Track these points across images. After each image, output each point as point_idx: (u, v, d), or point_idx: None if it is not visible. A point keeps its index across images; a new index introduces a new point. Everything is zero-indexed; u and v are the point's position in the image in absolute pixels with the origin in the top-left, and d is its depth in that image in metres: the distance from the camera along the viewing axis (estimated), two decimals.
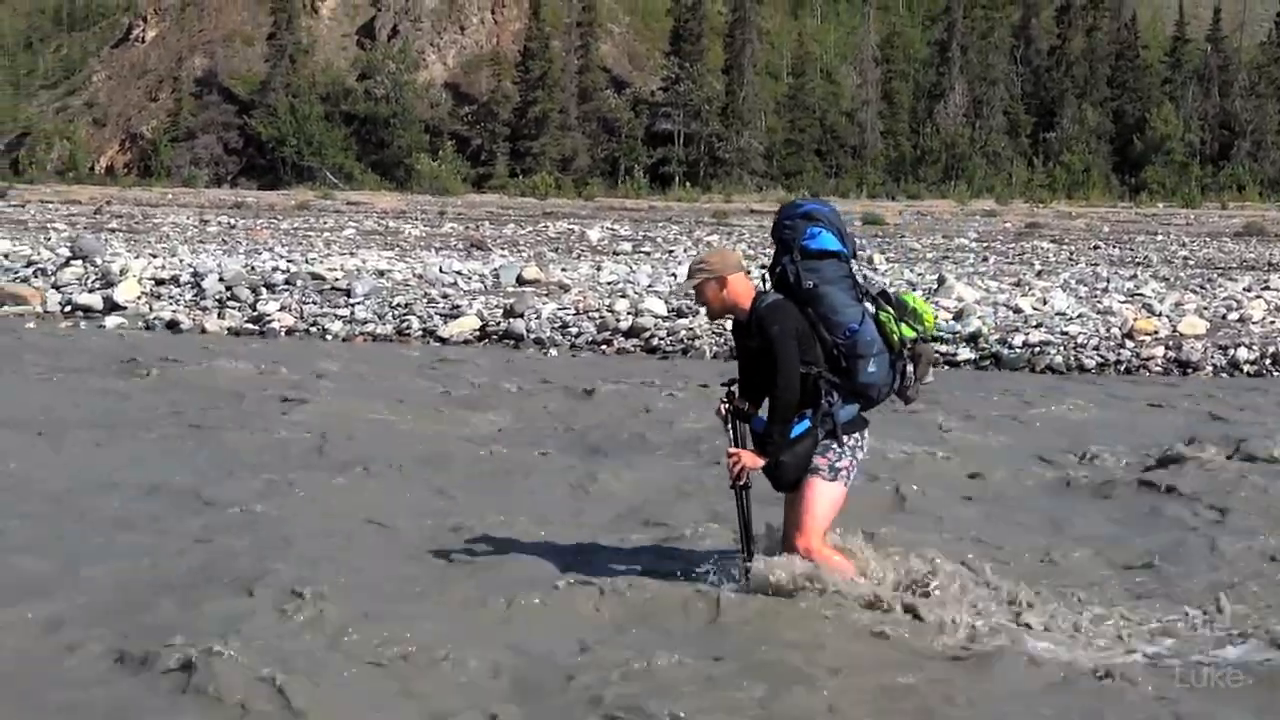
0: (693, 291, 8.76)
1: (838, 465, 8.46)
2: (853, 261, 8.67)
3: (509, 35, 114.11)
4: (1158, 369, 21.82)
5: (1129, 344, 23.02)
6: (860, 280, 8.64)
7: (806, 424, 8.39)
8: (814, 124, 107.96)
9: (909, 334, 8.56)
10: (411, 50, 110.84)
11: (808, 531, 8.48)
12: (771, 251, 8.82)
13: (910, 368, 8.60)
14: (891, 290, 8.86)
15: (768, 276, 8.71)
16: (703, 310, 9.02)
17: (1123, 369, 21.85)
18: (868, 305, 8.55)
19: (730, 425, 8.60)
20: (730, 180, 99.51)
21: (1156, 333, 23.70)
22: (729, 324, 8.98)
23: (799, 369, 8.28)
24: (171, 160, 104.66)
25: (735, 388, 8.71)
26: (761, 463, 8.41)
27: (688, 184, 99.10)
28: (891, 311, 8.57)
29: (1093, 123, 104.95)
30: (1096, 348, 22.81)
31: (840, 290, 8.47)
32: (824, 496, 8.47)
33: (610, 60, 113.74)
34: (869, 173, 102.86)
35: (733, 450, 8.52)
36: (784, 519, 8.87)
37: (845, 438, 8.44)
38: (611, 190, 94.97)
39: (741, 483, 8.54)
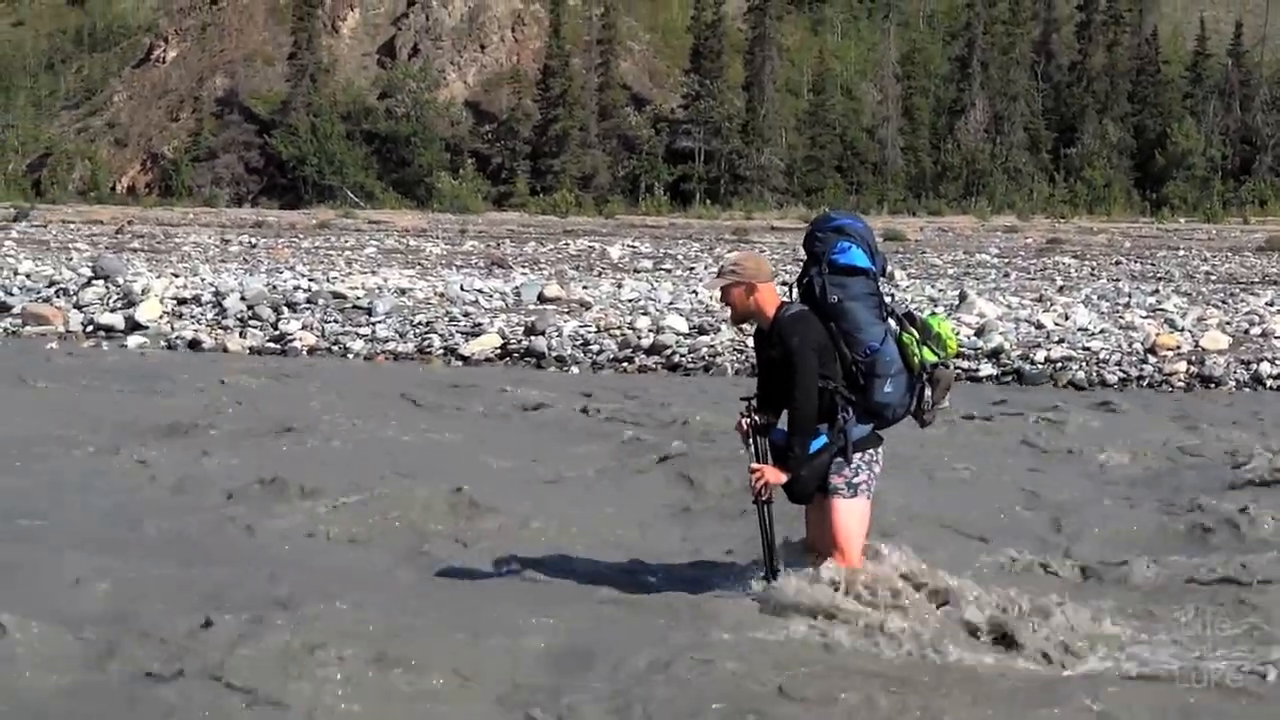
0: (719, 291, 8.79)
1: (855, 481, 8.51)
2: (881, 280, 8.69)
3: (529, 53, 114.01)
4: (1180, 384, 21.79)
5: (1151, 359, 23.01)
6: (887, 300, 8.65)
7: (824, 439, 8.44)
8: (834, 140, 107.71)
9: (930, 358, 8.59)
10: (432, 69, 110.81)
11: (845, 553, 8.54)
12: (794, 266, 8.82)
13: (928, 391, 8.60)
14: (918, 313, 8.84)
15: (795, 287, 8.72)
16: (726, 312, 9.03)
17: (1145, 384, 21.82)
18: (891, 325, 8.55)
19: (751, 440, 8.64)
20: (751, 197, 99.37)
21: (1179, 348, 23.69)
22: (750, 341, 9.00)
23: (818, 382, 8.30)
24: (193, 180, 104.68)
25: (754, 402, 8.75)
26: (785, 478, 8.44)
27: (708, 201, 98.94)
28: (915, 334, 8.59)
29: (1114, 138, 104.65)
30: (1119, 363, 22.80)
31: (865, 307, 8.50)
32: (850, 515, 8.53)
33: (630, 78, 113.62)
34: (890, 189, 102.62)
35: (756, 466, 8.55)
36: (807, 529, 8.88)
37: (858, 455, 8.46)
38: (632, 208, 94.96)
39: (764, 498, 8.56)
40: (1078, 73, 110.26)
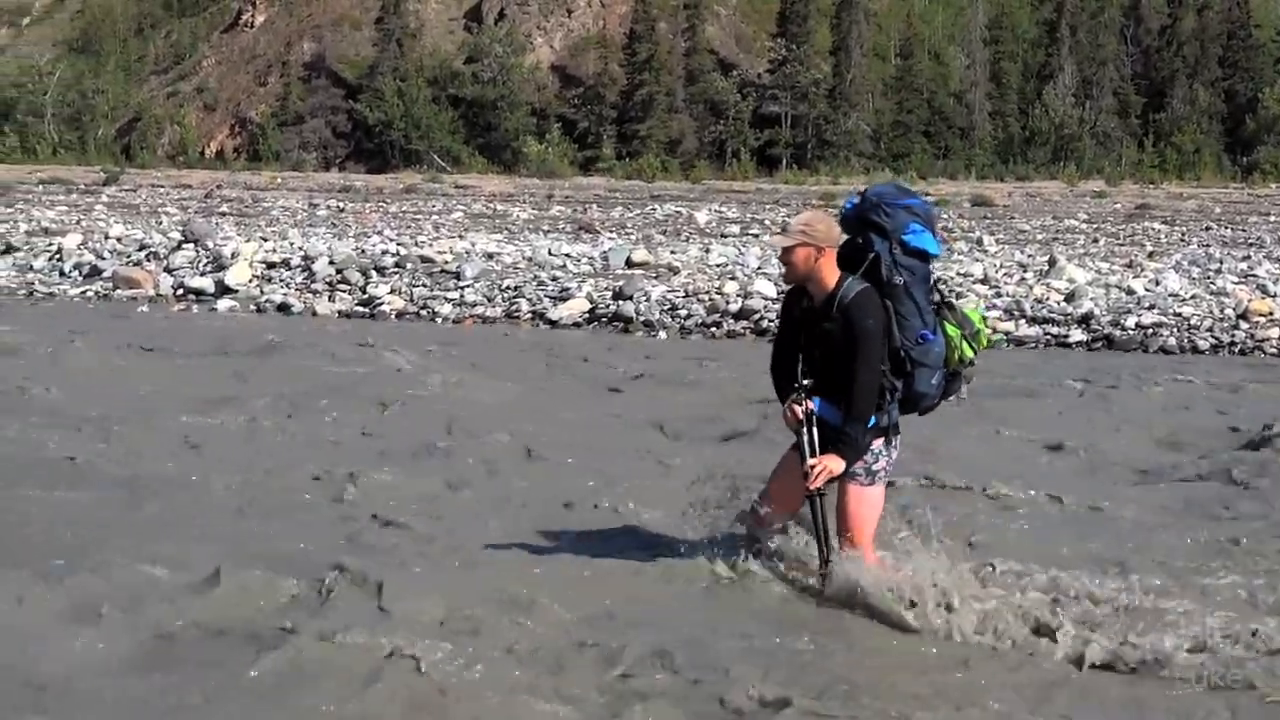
0: (781, 249, 8.35)
1: (874, 467, 8.27)
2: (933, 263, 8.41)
3: (616, 18, 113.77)
4: (1273, 350, 21.63)
5: (1243, 325, 22.84)
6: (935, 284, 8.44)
7: (872, 422, 8.16)
8: (922, 105, 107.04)
9: (969, 355, 8.32)
10: (518, 33, 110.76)
11: (855, 539, 8.28)
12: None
13: (953, 385, 8.42)
14: (956, 303, 8.58)
15: (855, 261, 8.28)
16: (782, 270, 8.46)
17: (1237, 350, 21.68)
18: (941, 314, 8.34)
19: (806, 430, 8.23)
20: (837, 162, 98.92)
21: (1272, 314, 23.49)
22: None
23: (880, 370, 8.09)
24: (280, 144, 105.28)
25: (807, 390, 8.30)
26: (843, 466, 8.15)
27: (795, 166, 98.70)
28: (958, 327, 8.31)
29: (1204, 103, 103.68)
30: (1210, 329, 22.65)
31: (922, 294, 8.21)
32: (864, 502, 8.30)
33: (717, 42, 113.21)
34: (977, 154, 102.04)
35: (814, 460, 8.15)
36: (773, 478, 8.73)
37: (880, 441, 8.26)
38: (718, 173, 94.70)
39: (820, 489, 8.22)
40: (1167, 37, 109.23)
